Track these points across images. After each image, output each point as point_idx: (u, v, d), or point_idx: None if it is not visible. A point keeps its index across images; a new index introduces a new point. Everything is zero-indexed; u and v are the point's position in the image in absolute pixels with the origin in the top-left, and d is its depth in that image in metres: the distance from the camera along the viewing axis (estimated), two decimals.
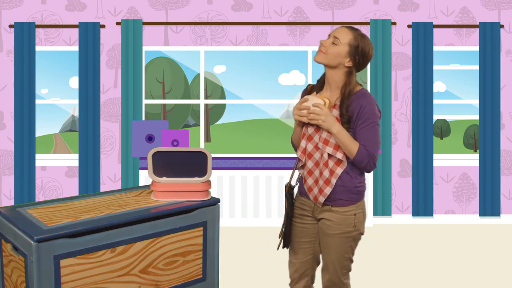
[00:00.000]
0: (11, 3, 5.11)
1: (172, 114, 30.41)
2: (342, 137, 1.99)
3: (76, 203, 2.12)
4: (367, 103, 2.01)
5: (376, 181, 5.06)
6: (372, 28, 5.04)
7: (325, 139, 2.03)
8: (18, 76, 5.03)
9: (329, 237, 2.08)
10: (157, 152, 2.14)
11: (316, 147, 2.08)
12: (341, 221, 2.06)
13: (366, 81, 7.86)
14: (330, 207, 2.08)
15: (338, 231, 2.07)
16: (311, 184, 2.09)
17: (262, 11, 5.14)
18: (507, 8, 5.12)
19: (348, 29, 2.04)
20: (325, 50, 2.03)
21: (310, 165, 2.09)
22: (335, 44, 2.02)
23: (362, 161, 2.00)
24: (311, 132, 2.09)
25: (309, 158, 2.09)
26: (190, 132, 30.15)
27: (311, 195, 2.10)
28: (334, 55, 2.02)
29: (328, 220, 2.08)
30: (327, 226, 2.08)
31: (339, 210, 2.07)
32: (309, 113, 2.01)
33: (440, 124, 26.93)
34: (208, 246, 2.17)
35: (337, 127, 1.99)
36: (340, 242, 2.08)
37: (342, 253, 2.09)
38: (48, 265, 1.71)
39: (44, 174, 5.13)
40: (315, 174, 2.08)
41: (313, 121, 2.01)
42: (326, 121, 1.98)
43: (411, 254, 4.03)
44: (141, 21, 5.05)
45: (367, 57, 2.05)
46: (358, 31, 2.06)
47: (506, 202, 5.13)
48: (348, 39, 2.02)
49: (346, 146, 2.00)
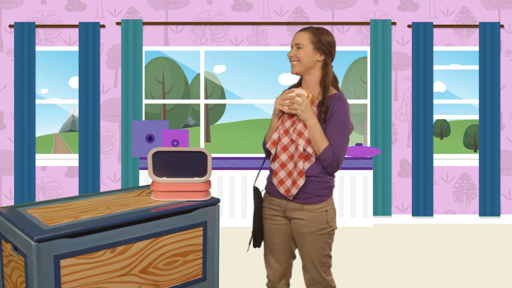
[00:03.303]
0: (11, 3, 5.11)
1: (172, 114, 30.41)
2: (315, 131, 2.03)
3: (76, 203, 2.12)
4: (341, 105, 2.06)
5: (376, 181, 5.06)
6: (372, 28, 5.04)
7: (299, 131, 2.06)
8: (18, 76, 5.03)
9: (304, 236, 2.11)
10: (157, 152, 2.14)
11: (292, 140, 2.10)
12: (313, 219, 2.08)
13: (366, 81, 7.87)
14: (302, 206, 2.09)
15: (312, 229, 2.09)
16: (283, 177, 2.09)
17: (262, 11, 5.13)
18: (507, 8, 5.12)
19: (302, 31, 2.15)
20: (296, 59, 2.12)
21: (284, 158, 2.10)
22: (300, 48, 2.11)
23: (326, 160, 2.04)
24: (288, 125, 2.11)
25: (284, 151, 2.10)
26: (190, 132, 30.18)
27: (282, 188, 2.09)
28: (305, 57, 2.10)
29: (300, 219, 2.10)
30: (300, 226, 2.10)
31: (310, 208, 2.09)
32: (292, 103, 2.06)
33: (440, 124, 26.94)
34: (208, 246, 2.17)
35: (314, 120, 2.04)
36: (316, 240, 2.10)
37: (319, 251, 2.12)
38: (48, 265, 1.71)
39: (44, 174, 5.13)
40: (289, 167, 2.09)
41: (293, 110, 2.05)
42: (305, 111, 2.03)
43: (411, 254, 4.03)
44: (141, 21, 5.05)
45: (332, 43, 2.14)
46: (311, 27, 2.15)
47: (506, 202, 5.13)
48: (308, 38, 2.11)
49: (316, 141, 2.04)
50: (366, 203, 4.88)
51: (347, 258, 3.91)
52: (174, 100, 5.30)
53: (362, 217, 4.89)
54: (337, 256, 3.98)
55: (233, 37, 5.14)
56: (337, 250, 4.13)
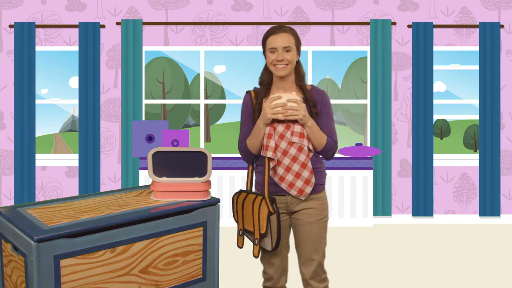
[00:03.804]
0: (11, 3, 5.11)
1: (172, 114, 30.39)
2: (316, 129, 2.11)
3: (76, 203, 2.12)
4: (325, 96, 2.19)
5: (376, 181, 5.06)
6: (372, 28, 5.04)
7: (300, 133, 2.09)
8: (18, 76, 5.03)
9: (310, 225, 2.14)
10: (157, 152, 2.14)
11: (290, 143, 2.10)
12: (320, 206, 2.17)
13: (366, 81, 7.87)
14: (309, 196, 2.15)
15: (319, 216, 2.16)
16: (292, 179, 2.11)
17: (262, 11, 5.14)
18: (507, 8, 5.12)
19: (284, 32, 2.12)
20: (287, 62, 2.11)
21: (287, 162, 2.10)
22: (289, 51, 2.11)
23: (329, 150, 2.14)
24: (281, 130, 2.11)
25: (285, 155, 2.11)
26: (190, 132, 30.15)
27: (294, 190, 2.11)
28: (293, 59, 2.13)
29: (308, 209, 2.15)
30: (308, 215, 2.14)
31: (316, 196, 2.17)
32: (287, 110, 2.04)
33: (440, 124, 26.94)
34: (208, 246, 2.17)
35: (312, 120, 2.10)
36: (319, 227, 2.16)
37: (322, 239, 2.18)
38: (48, 265, 1.71)
39: (44, 174, 5.13)
40: (294, 169, 2.10)
41: (291, 116, 2.05)
42: (306, 115, 2.06)
43: (411, 254, 4.03)
44: (141, 21, 5.05)
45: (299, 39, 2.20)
46: (288, 28, 2.15)
47: (506, 202, 5.13)
48: (293, 39, 2.13)
49: (317, 138, 2.11)
50: (366, 203, 4.88)
51: (347, 258, 3.91)
52: (174, 100, 5.30)
53: (362, 217, 4.89)
54: (337, 256, 3.98)
55: (233, 37, 5.14)
56: (337, 250, 4.13)
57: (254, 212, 2.10)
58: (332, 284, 3.35)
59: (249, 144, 2.17)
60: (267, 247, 2.11)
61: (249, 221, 2.14)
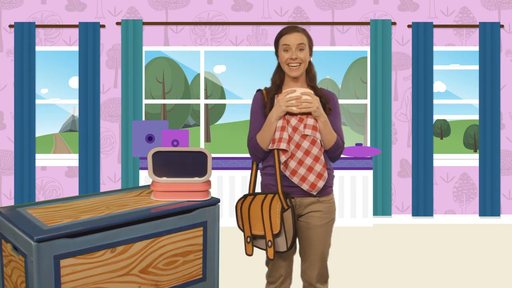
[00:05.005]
0: (11, 3, 5.11)
1: (172, 114, 30.39)
2: (329, 125, 2.10)
3: (76, 203, 2.12)
4: (335, 97, 2.20)
5: (376, 181, 5.06)
6: (372, 28, 5.04)
7: (313, 126, 2.06)
8: (18, 76, 5.03)
9: (317, 228, 2.12)
10: (157, 152, 2.14)
11: (303, 136, 2.07)
12: (328, 209, 2.15)
13: (366, 81, 7.87)
14: (318, 199, 2.13)
15: (326, 220, 2.14)
16: (304, 173, 2.05)
17: (262, 11, 5.13)
18: (507, 8, 5.12)
19: (297, 32, 2.14)
20: (300, 61, 2.11)
21: (300, 155, 2.06)
22: (302, 49, 2.12)
23: (337, 150, 2.14)
24: (295, 123, 2.08)
25: (298, 148, 2.07)
26: (190, 132, 30.17)
27: (306, 184, 2.05)
28: (306, 59, 2.14)
29: (316, 212, 2.13)
30: (316, 218, 2.12)
31: (325, 199, 2.15)
32: (301, 102, 2.04)
33: (440, 124, 26.94)
34: (208, 246, 2.17)
35: (325, 116, 2.09)
36: (326, 230, 2.15)
37: (327, 242, 2.18)
38: (48, 265, 1.71)
39: (44, 174, 5.13)
40: (307, 162, 2.05)
41: (305, 109, 2.04)
42: (320, 108, 2.06)
43: (411, 254, 4.03)
44: (141, 21, 5.05)
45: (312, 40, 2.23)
46: (300, 28, 2.17)
47: (506, 202, 5.13)
48: (306, 38, 2.15)
49: (328, 134, 2.09)
50: (366, 203, 4.88)
51: (347, 258, 3.91)
52: (174, 100, 5.30)
53: (362, 217, 4.89)
54: (337, 256, 3.98)
55: (233, 37, 5.14)
56: (337, 250, 4.13)
57: (264, 212, 2.04)
58: (332, 284, 3.35)
59: (259, 139, 2.13)
60: (281, 248, 2.05)
61: (259, 224, 2.07)
